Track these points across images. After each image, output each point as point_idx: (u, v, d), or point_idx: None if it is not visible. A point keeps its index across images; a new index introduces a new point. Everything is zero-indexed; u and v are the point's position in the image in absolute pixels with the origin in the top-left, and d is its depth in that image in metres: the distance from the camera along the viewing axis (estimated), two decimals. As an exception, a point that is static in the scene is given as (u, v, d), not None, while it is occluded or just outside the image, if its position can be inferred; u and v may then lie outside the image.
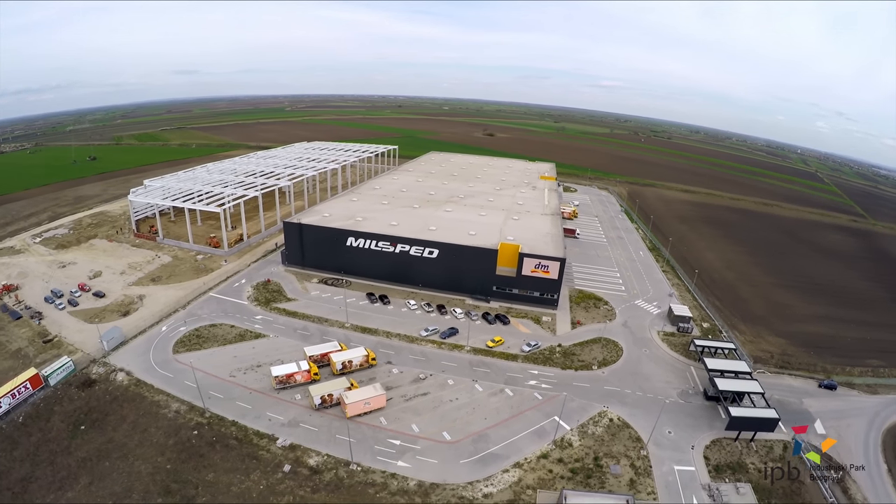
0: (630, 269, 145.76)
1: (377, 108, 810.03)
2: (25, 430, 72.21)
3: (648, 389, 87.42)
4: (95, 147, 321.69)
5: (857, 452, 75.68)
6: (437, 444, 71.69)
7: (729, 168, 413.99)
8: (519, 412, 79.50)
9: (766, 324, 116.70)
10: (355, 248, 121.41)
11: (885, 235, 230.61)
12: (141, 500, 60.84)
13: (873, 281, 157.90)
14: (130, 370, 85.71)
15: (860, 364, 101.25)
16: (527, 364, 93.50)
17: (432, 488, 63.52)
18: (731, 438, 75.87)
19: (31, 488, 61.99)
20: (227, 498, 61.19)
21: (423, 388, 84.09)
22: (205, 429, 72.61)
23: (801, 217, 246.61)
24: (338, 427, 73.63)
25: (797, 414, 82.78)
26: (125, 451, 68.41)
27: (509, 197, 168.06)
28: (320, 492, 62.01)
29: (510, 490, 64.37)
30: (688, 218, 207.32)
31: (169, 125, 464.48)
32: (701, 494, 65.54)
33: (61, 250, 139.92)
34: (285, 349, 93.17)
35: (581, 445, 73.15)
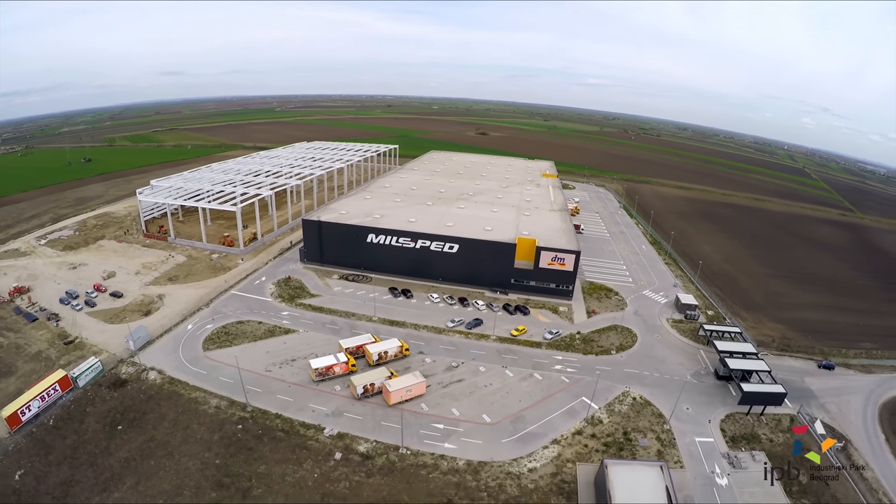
0: (635, 262, 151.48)
1: (367, 108, 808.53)
2: (59, 433, 70.99)
3: (664, 371, 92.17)
4: (89, 149, 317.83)
5: (857, 424, 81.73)
6: (479, 426, 74.44)
7: (719, 165, 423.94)
8: (549, 394, 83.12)
9: (766, 311, 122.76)
10: (375, 245, 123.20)
11: (872, 228, 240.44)
12: (194, 496, 60.91)
13: (862, 271, 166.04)
14: (162, 369, 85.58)
15: (854, 347, 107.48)
16: (550, 350, 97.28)
17: (481, 466, 66.22)
18: (743, 413, 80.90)
19: (72, 492, 61.01)
20: (282, 488, 62.05)
21: (457, 375, 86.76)
22: (249, 422, 73.19)
23: (792, 212, 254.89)
24: (381, 414, 75.56)
25: (800, 391, 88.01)
26: (169, 449, 68.16)
27: (517, 194, 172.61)
28: (374, 476, 63.84)
29: (552, 464, 67.90)
30: (685, 213, 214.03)
31: (160, 126, 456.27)
32: (721, 462, 70.32)
33: (69, 252, 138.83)
34: (317, 343, 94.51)
35: (610, 422, 77.31)
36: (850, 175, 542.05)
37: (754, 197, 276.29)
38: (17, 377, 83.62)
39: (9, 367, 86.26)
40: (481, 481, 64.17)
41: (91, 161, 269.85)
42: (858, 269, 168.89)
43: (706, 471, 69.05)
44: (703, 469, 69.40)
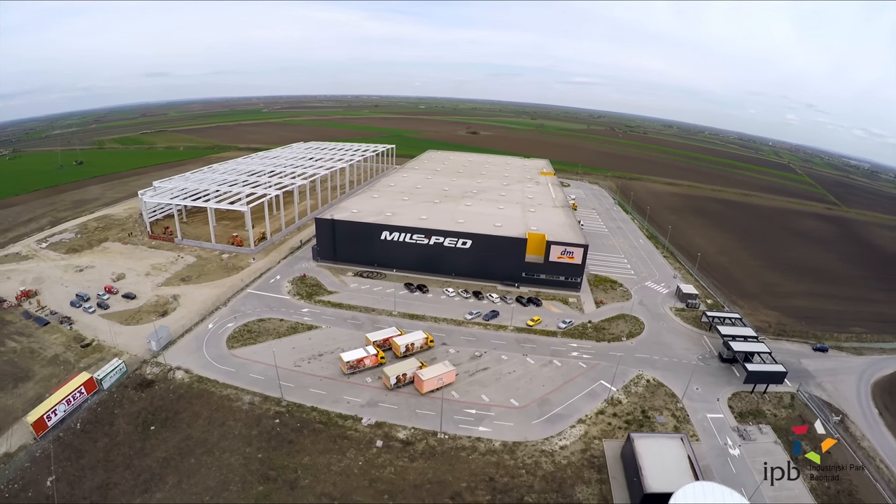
0: (634, 255, 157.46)
1: (354, 109, 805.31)
2: (88, 436, 70.18)
3: (672, 355, 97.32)
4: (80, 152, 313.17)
5: (852, 400, 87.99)
6: (508, 409, 77.89)
7: (706, 161, 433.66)
8: (569, 379, 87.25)
9: (760, 299, 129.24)
10: (389, 242, 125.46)
11: (857, 221, 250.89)
12: (241, 490, 61.52)
13: (849, 262, 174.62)
14: (189, 368, 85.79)
15: (845, 331, 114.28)
16: (565, 339, 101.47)
17: (516, 446, 69.71)
18: (748, 391, 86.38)
19: (111, 495, 60.62)
20: (329, 476, 63.58)
21: (481, 364, 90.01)
22: (286, 416, 74.32)
23: (780, 206, 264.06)
24: (415, 403, 78.10)
25: (797, 372, 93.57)
26: (208, 447, 68.40)
27: (519, 191, 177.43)
28: (417, 460, 66.33)
29: (581, 441, 71.94)
30: (677, 209, 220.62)
31: (148, 129, 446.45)
32: (732, 435, 75.51)
33: (73, 254, 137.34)
34: (341, 338, 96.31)
35: (628, 402, 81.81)
36: (835, 170, 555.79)
37: (742, 192, 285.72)
38: (35, 382, 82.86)
39: (25, 372, 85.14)
40: (518, 460, 67.58)
41: (83, 164, 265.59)
42: (845, 260, 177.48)
43: (719, 443, 74.17)
44: (716, 441, 74.60)
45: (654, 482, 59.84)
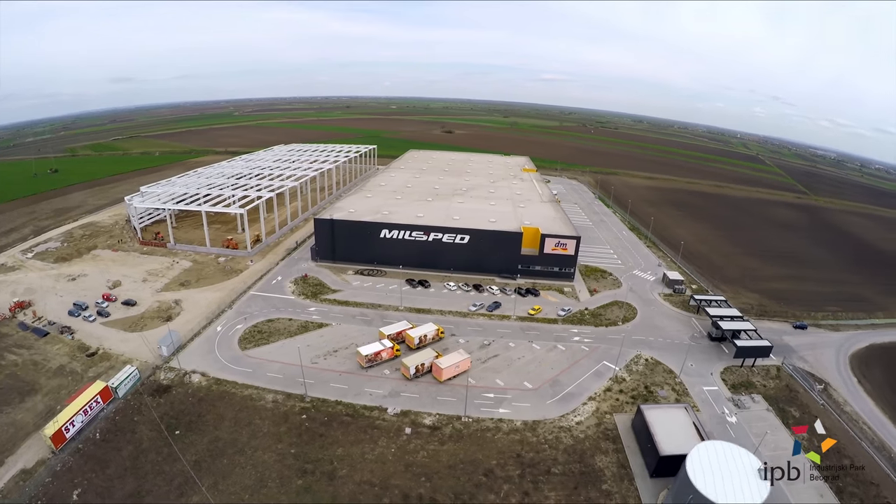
0: (619, 246, 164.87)
1: (326, 110, 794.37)
2: (110, 445, 68.95)
3: (666, 336, 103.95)
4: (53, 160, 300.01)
5: (832, 371, 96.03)
6: (523, 392, 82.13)
7: (678, 155, 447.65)
8: (575, 361, 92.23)
9: (741, 283, 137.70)
10: (389, 239, 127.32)
11: (826, 209, 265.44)
12: (280, 486, 62.18)
13: (820, 247, 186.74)
14: (205, 371, 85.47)
15: (822, 310, 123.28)
16: (566, 325, 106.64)
17: (535, 424, 73.95)
18: (737, 365, 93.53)
19: (145, 502, 60.42)
20: (365, 465, 65.44)
21: (491, 351, 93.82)
22: (312, 412, 75.53)
23: (752, 196, 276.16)
24: (435, 391, 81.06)
25: (780, 347, 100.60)
26: (239, 446, 68.47)
27: (506, 188, 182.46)
28: (447, 443, 69.41)
29: (594, 416, 76.90)
30: (654, 201, 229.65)
31: (119, 135, 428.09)
32: (728, 405, 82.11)
33: (63, 263, 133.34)
34: (352, 334, 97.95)
35: (631, 379, 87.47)
36: (802, 160, 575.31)
37: (715, 184, 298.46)
38: (43, 394, 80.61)
39: (31, 385, 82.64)
40: (540, 436, 71.68)
41: (58, 171, 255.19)
42: (817, 245, 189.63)
43: (717, 412, 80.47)
44: (714, 411, 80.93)
45: (667, 446, 65.36)
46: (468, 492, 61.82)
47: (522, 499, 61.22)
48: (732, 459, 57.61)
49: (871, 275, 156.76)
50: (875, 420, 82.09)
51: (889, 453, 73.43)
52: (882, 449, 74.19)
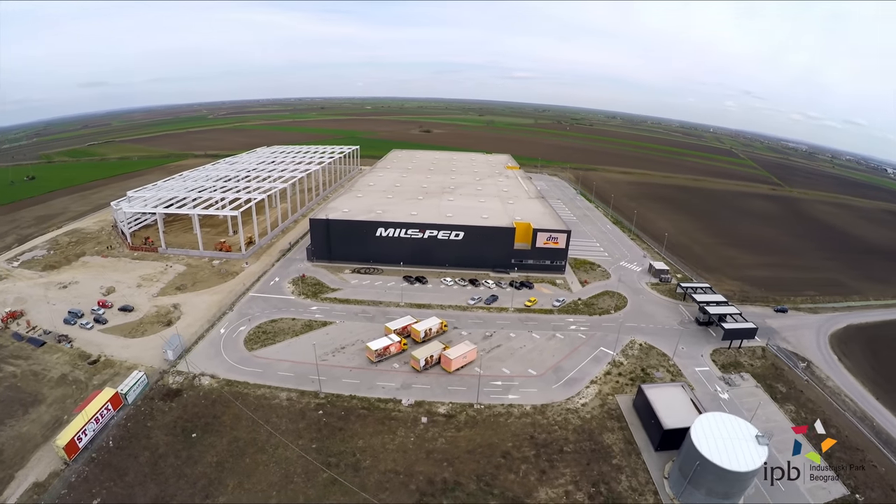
0: (605, 239, 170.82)
1: (301, 112, 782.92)
2: (125, 452, 68.03)
3: (656, 323, 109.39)
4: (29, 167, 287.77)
5: (813, 349, 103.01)
6: (529, 378, 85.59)
7: (654, 150, 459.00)
8: (574, 349, 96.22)
9: (722, 272, 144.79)
10: (385, 238, 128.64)
11: (800, 199, 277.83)
12: (306, 480, 62.96)
13: (796, 237, 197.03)
14: (214, 373, 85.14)
15: (800, 294, 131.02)
16: (562, 315, 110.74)
17: (544, 408, 77.45)
18: (725, 347, 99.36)
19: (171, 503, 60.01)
20: (388, 454, 67.14)
21: (493, 342, 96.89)
22: (328, 407, 76.54)
23: (728, 189, 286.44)
24: (445, 381, 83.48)
25: (764, 330, 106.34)
26: (259, 445, 68.58)
27: (493, 185, 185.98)
28: (463, 430, 71.99)
29: (597, 398, 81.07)
30: (634, 196, 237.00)
31: (94, 140, 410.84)
32: (720, 383, 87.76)
33: (51, 271, 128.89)
34: (357, 330, 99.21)
35: (629, 363, 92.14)
36: (775, 153, 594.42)
37: (692, 178, 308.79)
38: (48, 405, 78.51)
39: (34, 396, 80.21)
40: (549, 418, 75.17)
41: (35, 179, 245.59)
42: (792, 234, 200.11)
43: (710, 390, 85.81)
44: (707, 389, 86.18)
45: (669, 421, 69.78)
46: (489, 473, 64.62)
47: (540, 476, 64.47)
48: (732, 428, 62.25)
49: (846, 261, 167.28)
50: (856, 393, 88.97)
51: (871, 422, 79.90)
52: (864, 419, 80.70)
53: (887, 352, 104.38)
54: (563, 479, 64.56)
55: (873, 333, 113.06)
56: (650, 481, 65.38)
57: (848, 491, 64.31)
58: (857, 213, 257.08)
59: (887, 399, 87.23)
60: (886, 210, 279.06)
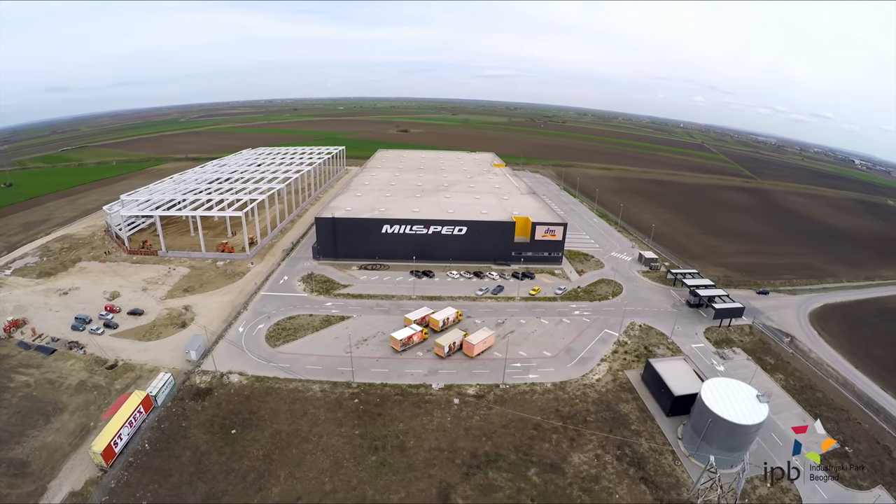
0: (594, 232, 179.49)
1: (274, 113, 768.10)
2: (165, 454, 67.70)
3: (651, 306, 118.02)
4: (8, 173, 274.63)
5: (795, 326, 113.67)
6: (545, 359, 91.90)
7: (628, 146, 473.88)
8: (581, 331, 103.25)
9: (706, 259, 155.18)
10: (390, 234, 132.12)
11: (772, 191, 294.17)
12: (357, 464, 65.57)
13: (770, 226, 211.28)
14: (242, 370, 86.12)
15: (779, 278, 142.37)
16: (565, 302, 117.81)
17: (563, 384, 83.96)
18: (716, 326, 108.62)
19: (224, 501, 60.54)
20: (430, 434, 71.19)
21: (506, 328, 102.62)
22: (362, 396, 79.52)
23: (703, 182, 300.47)
24: (468, 366, 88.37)
25: (749, 310, 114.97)
26: (302, 435, 70.32)
27: (484, 182, 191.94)
28: (494, 407, 77.00)
29: (609, 374, 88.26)
30: (615, 190, 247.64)
31: (67, 146, 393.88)
32: (715, 357, 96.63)
33: (48, 278, 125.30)
34: (376, 323, 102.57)
35: (632, 342, 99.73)
36: (745, 146, 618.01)
37: (667, 172, 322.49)
38: (70, 412, 76.93)
39: (54, 404, 77.98)
40: (569, 393, 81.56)
41: (12, 186, 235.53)
42: (768, 224, 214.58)
43: (707, 363, 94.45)
44: (705, 362, 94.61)
45: (677, 389, 77.22)
46: (525, 444, 70.08)
47: (571, 444, 70.52)
48: (735, 390, 70.08)
49: (819, 247, 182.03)
50: (836, 363, 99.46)
51: (852, 387, 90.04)
52: (846, 385, 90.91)
53: (861, 327, 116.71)
54: (591, 444, 70.84)
55: (848, 311, 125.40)
56: (666, 443, 72.47)
57: (837, 443, 72.96)
58: (828, 202, 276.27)
59: (864, 367, 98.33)
60: (855, 199, 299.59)
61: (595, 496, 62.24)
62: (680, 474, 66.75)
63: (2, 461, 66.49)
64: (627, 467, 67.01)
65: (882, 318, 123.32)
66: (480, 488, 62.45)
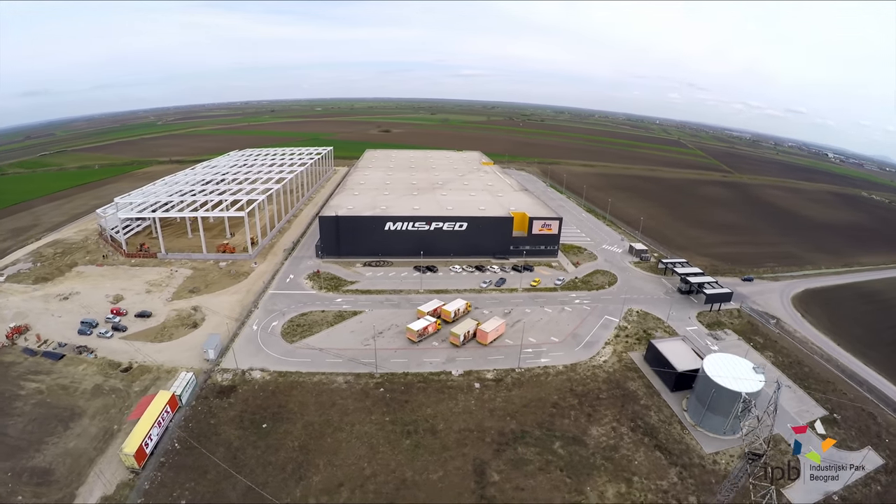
0: (584, 226, 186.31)
1: (252, 115, 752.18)
2: (197, 452, 67.57)
3: (646, 293, 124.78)
4: None
5: (780, 309, 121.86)
6: (554, 344, 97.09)
7: (607, 143, 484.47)
8: (583, 318, 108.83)
9: (692, 250, 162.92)
10: (393, 231, 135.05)
11: (750, 185, 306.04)
12: (391, 448, 68.39)
13: (751, 217, 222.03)
14: (264, 367, 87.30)
15: (761, 266, 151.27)
16: (565, 291, 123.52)
17: (574, 366, 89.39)
18: (707, 310, 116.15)
19: (265, 494, 61.09)
20: (457, 416, 74.75)
21: (514, 317, 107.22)
22: (386, 385, 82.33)
23: (683, 177, 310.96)
24: (482, 353, 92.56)
25: (736, 295, 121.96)
26: (335, 426, 72.32)
27: (476, 180, 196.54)
28: (514, 390, 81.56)
29: (614, 356, 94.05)
30: (600, 186, 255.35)
31: (45, 150, 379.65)
32: (709, 338, 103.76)
33: (45, 283, 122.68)
34: (388, 317, 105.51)
35: (632, 327, 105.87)
36: (721, 142, 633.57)
37: (648, 168, 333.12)
38: (90, 417, 75.60)
39: (70, 410, 76.25)
40: (581, 374, 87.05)
41: None
42: (748, 216, 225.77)
43: (702, 343, 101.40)
44: (700, 343, 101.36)
45: (680, 366, 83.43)
46: (547, 421, 74.80)
47: (588, 418, 75.69)
48: (733, 363, 76.65)
49: (797, 237, 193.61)
50: (820, 341, 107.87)
51: (836, 362, 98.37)
52: (829, 360, 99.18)
53: (841, 309, 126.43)
54: (607, 418, 76.20)
55: (828, 295, 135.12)
56: (673, 415, 78.49)
57: (827, 412, 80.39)
58: (804, 195, 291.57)
59: (846, 345, 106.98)
60: (830, 192, 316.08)
61: (617, 463, 67.46)
62: (689, 441, 72.71)
63: (23, 470, 64.79)
64: (642, 437, 72.56)
65: (860, 301, 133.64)
66: (512, 462, 66.70)
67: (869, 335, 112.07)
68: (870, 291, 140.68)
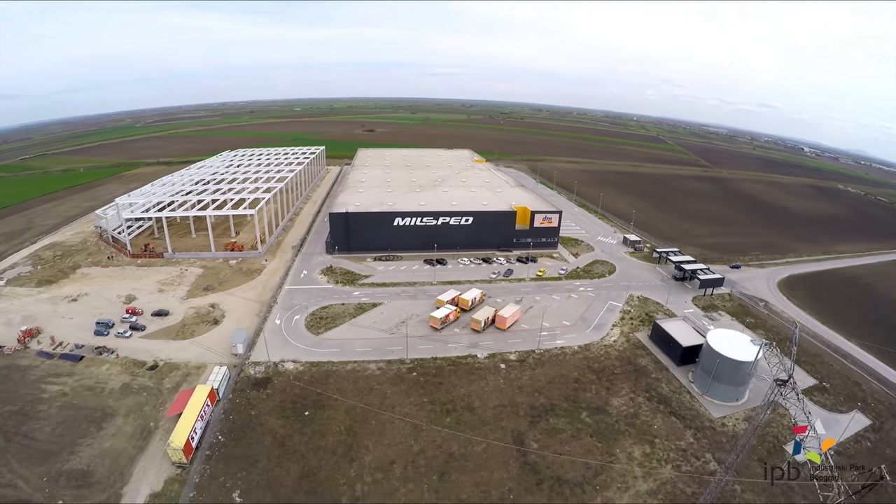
0: (577, 220, 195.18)
1: (231, 116, 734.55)
2: (244, 443, 69.39)
3: (643, 281, 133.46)
4: None
5: (767, 293, 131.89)
6: (566, 327, 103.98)
7: (588, 140, 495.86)
8: (589, 304, 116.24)
9: (681, 241, 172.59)
10: (401, 227, 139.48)
11: (730, 179, 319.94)
12: (433, 424, 73.07)
13: (732, 209, 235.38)
14: (295, 358, 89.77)
15: (747, 255, 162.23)
16: (569, 280, 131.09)
17: (587, 346, 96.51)
18: (701, 295, 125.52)
19: (321, 476, 63.39)
20: (490, 394, 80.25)
21: (525, 304, 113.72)
22: (419, 370, 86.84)
23: (665, 172, 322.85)
24: (501, 337, 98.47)
25: (726, 281, 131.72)
26: (377, 408, 75.84)
27: (473, 177, 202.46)
28: (536, 368, 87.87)
29: (622, 336, 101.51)
30: (588, 182, 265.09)
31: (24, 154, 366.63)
32: (705, 319, 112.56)
33: (50, 286, 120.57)
34: (407, 307, 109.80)
35: (635, 310, 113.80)
36: (698, 137, 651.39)
37: (631, 164, 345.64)
38: (123, 416, 75.53)
39: (101, 411, 75.89)
40: (595, 353, 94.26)
41: None
42: (728, 208, 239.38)
43: (700, 324, 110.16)
44: (698, 323, 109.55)
45: (684, 342, 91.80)
46: (571, 395, 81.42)
47: (608, 391, 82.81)
48: (732, 337, 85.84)
49: (779, 228, 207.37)
50: (806, 320, 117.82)
51: (821, 338, 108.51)
52: (815, 336, 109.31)
53: (823, 292, 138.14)
54: (624, 391, 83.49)
55: (811, 280, 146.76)
56: (682, 386, 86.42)
57: (816, 381, 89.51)
58: (783, 188, 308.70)
59: (830, 323, 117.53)
60: (807, 185, 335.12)
61: (638, 428, 74.63)
62: (699, 408, 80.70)
63: (59, 474, 63.84)
64: (657, 405, 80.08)
65: (841, 284, 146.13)
66: (546, 431, 72.95)
67: (851, 315, 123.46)
68: (850, 276, 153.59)
